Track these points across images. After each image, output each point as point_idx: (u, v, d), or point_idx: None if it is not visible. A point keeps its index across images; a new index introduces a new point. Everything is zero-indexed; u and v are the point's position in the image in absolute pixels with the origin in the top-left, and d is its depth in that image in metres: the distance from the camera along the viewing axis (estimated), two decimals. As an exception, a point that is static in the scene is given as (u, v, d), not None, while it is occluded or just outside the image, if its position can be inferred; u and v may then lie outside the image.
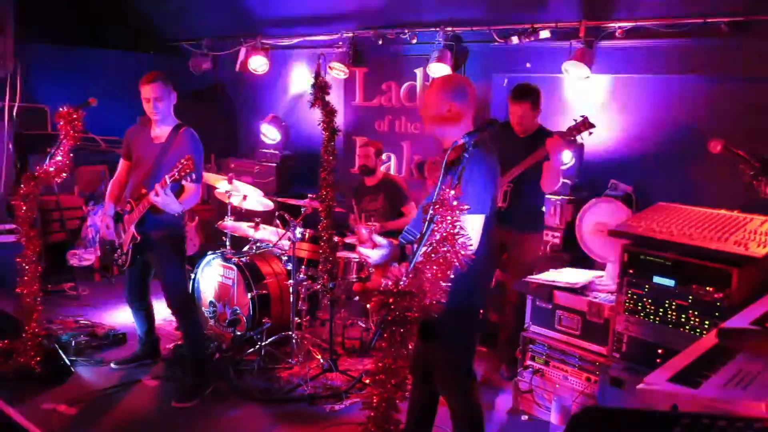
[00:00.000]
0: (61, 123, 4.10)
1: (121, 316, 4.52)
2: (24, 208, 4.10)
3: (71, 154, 4.20)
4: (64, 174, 4.18)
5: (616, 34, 4.61)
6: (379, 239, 2.74)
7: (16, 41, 5.02)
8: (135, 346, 4.61)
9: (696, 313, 3.01)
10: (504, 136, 4.22)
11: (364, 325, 4.98)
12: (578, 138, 4.13)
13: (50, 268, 5.83)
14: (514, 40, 5.03)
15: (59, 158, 4.12)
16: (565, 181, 4.67)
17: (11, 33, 4.94)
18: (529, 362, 3.96)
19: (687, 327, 3.04)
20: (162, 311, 4.65)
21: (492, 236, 2.83)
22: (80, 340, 4.70)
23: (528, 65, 5.22)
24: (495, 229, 2.86)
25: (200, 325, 4.35)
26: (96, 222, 5.92)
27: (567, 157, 4.64)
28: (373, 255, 2.75)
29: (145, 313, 4.48)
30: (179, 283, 4.12)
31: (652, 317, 3.16)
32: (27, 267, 4.14)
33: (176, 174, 3.59)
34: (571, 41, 4.81)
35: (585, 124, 4.02)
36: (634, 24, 4.54)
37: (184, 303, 4.14)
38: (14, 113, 5.64)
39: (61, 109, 4.12)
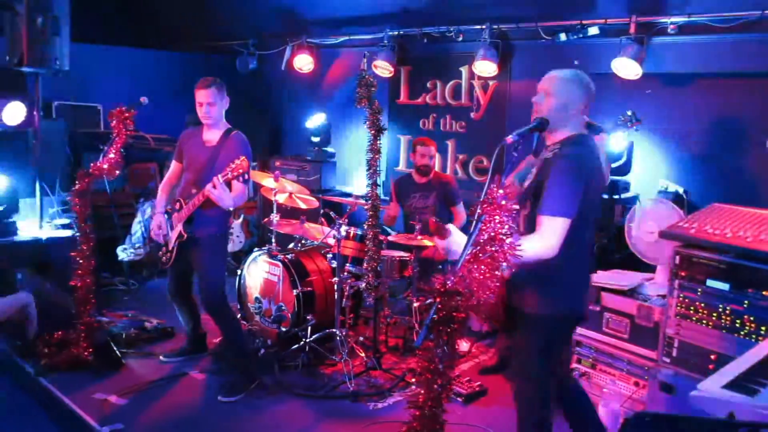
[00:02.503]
0: (114, 121, 4.22)
1: (169, 310, 4.61)
2: (79, 204, 4.22)
3: (122, 152, 4.31)
4: (117, 171, 4.29)
5: (669, 29, 4.49)
6: (453, 228, 2.56)
7: (71, 41, 5.16)
8: (183, 340, 4.70)
9: (752, 318, 2.92)
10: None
11: (407, 324, 4.98)
12: (626, 134, 4.03)
13: (102, 263, 5.99)
14: (562, 37, 4.95)
15: (112, 156, 4.23)
16: (616, 178, 4.55)
17: (67, 33, 5.08)
18: (575, 365, 3.90)
19: (742, 332, 2.95)
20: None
21: (589, 242, 2.75)
22: (130, 333, 4.82)
23: (576, 63, 5.13)
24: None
25: (237, 323, 4.39)
26: (146, 218, 6.06)
27: (619, 146, 4.47)
28: (444, 244, 2.56)
29: (188, 309, 4.55)
30: (216, 284, 4.16)
31: (704, 322, 3.08)
32: (81, 261, 4.26)
33: (229, 174, 3.69)
34: (621, 38, 4.71)
35: (632, 120, 3.93)
36: (687, 19, 4.42)
37: (218, 304, 4.16)
38: (70, 112, 5.80)
39: (114, 108, 4.23)
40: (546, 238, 2.50)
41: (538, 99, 2.75)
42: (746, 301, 2.93)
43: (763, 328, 2.86)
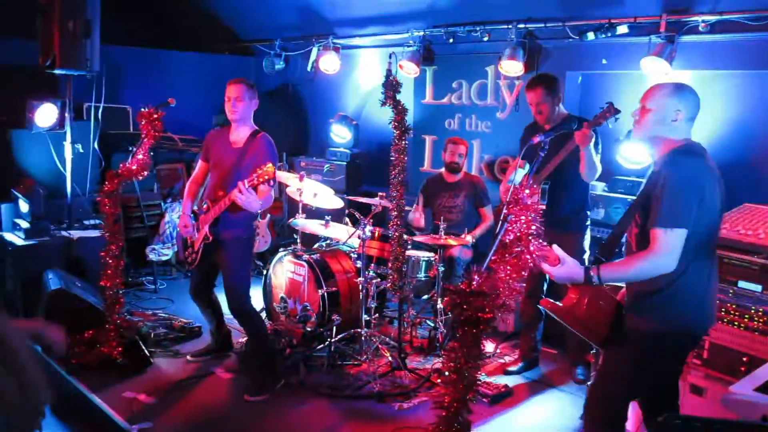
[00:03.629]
0: (143, 122, 4.26)
1: (196, 310, 4.66)
2: (108, 204, 4.28)
3: (151, 153, 4.36)
4: (145, 172, 4.34)
5: (699, 28, 4.42)
6: (562, 253, 2.49)
7: (101, 44, 5.25)
8: (209, 340, 4.74)
9: (785, 320, 2.86)
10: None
11: (432, 324, 4.97)
12: (606, 125, 4.00)
13: (131, 263, 6.08)
14: (590, 36, 4.90)
15: (140, 156, 4.28)
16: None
17: (98, 36, 5.16)
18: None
19: (775, 335, 2.89)
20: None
21: (714, 254, 2.62)
22: (159, 332, 4.89)
23: (604, 62, 5.08)
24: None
25: (263, 324, 4.41)
26: (174, 218, 6.13)
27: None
28: (558, 272, 2.48)
29: (211, 310, 4.58)
30: (242, 285, 4.18)
31: (736, 324, 3.03)
32: (110, 261, 4.32)
33: (255, 180, 3.70)
34: (651, 36, 4.64)
35: (610, 110, 3.89)
36: (718, 17, 4.34)
37: (243, 306, 4.18)
38: (99, 113, 5.90)
39: (142, 110, 4.28)
40: (661, 253, 2.39)
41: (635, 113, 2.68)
42: (780, 303, 2.87)
43: (797, 330, 2.81)
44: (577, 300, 2.54)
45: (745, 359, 2.99)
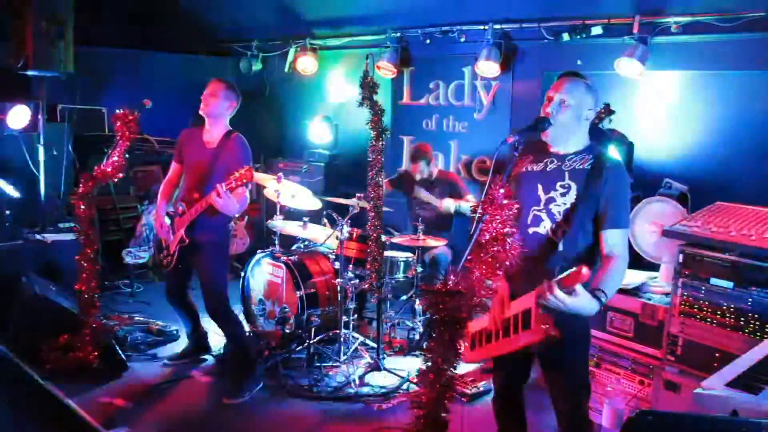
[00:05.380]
0: (118, 124, 4.22)
1: (174, 313, 4.62)
2: (83, 207, 4.23)
3: (127, 155, 4.31)
4: (121, 174, 4.29)
5: (672, 29, 4.49)
6: (580, 288, 2.21)
7: (75, 45, 5.18)
8: (186, 343, 4.71)
9: (756, 316, 2.90)
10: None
11: (411, 325, 4.98)
12: (600, 125, 4.00)
13: (106, 266, 6.01)
14: (565, 37, 4.95)
15: (116, 159, 4.23)
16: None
17: (72, 37, 5.10)
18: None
19: (746, 330, 2.94)
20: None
21: None
22: (135, 336, 4.84)
23: (579, 62, 5.13)
24: None
25: (241, 326, 4.38)
26: (150, 221, 6.08)
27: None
28: (573, 303, 2.22)
29: (186, 311, 4.55)
30: (220, 287, 4.16)
31: (709, 320, 3.07)
32: (85, 265, 4.27)
33: (233, 183, 3.68)
34: (624, 37, 4.70)
35: (605, 111, 3.91)
36: (690, 18, 4.41)
37: (221, 309, 4.17)
38: (73, 115, 5.83)
39: (117, 111, 4.24)
40: (625, 252, 2.55)
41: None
42: (750, 299, 2.91)
43: (767, 326, 2.85)
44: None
45: (717, 355, 3.03)
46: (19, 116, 5.34)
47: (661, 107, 4.83)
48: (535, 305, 2.25)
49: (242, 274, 5.14)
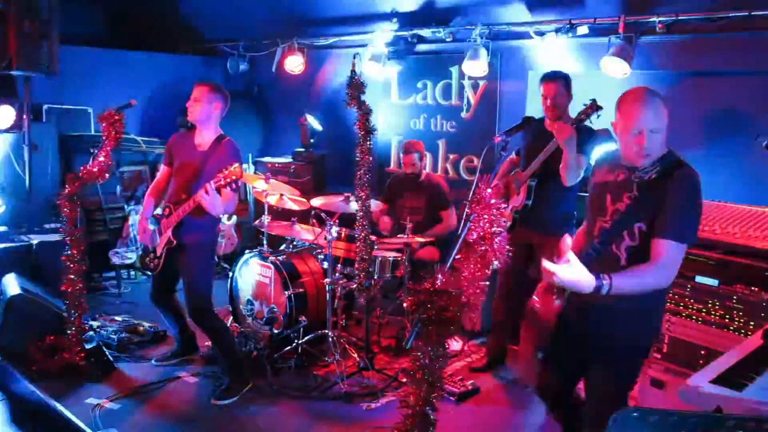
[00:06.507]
0: (104, 124, 4.19)
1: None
2: (69, 207, 4.20)
3: (113, 155, 4.29)
4: (107, 174, 4.26)
5: (657, 28, 4.52)
6: (572, 254, 2.31)
7: (61, 44, 5.14)
8: (173, 343, 4.69)
9: (741, 313, 2.94)
10: (536, 132, 4.17)
11: (399, 324, 4.99)
12: (588, 122, 4.02)
13: (93, 267, 5.97)
14: (551, 37, 4.97)
15: (102, 159, 4.20)
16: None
17: (56, 36, 5.07)
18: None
19: (731, 328, 2.97)
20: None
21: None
22: (122, 337, 4.81)
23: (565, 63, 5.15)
24: (521, 230, 2.66)
25: (225, 327, 4.35)
26: (137, 221, 6.04)
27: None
28: (565, 274, 2.28)
29: (172, 313, 4.51)
30: (203, 291, 4.13)
31: (694, 318, 3.10)
32: (72, 265, 4.24)
33: (222, 181, 3.66)
34: (610, 37, 4.73)
35: (592, 107, 3.93)
36: (675, 18, 4.44)
37: (203, 311, 4.13)
38: (59, 115, 5.79)
39: (103, 111, 4.21)
40: (667, 267, 2.37)
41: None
42: (735, 297, 2.95)
43: (751, 323, 2.88)
44: (543, 301, 2.56)
45: (703, 352, 3.06)
46: (4, 116, 5.30)
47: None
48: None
49: (230, 274, 5.13)
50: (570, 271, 2.26)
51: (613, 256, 2.50)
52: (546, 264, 2.27)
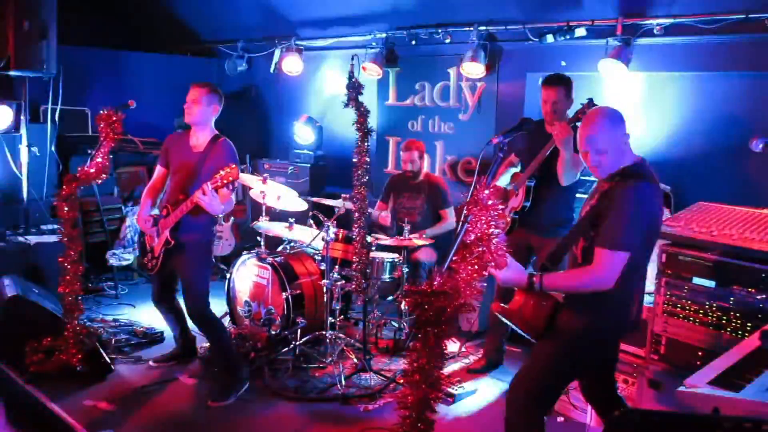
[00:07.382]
0: (102, 125, 4.19)
1: (159, 315, 4.59)
2: (66, 208, 4.19)
3: (111, 156, 4.28)
4: (105, 175, 4.26)
5: (654, 31, 4.53)
6: (510, 258, 2.50)
7: (58, 45, 5.14)
8: (172, 345, 4.68)
9: (738, 315, 2.94)
10: (535, 134, 4.16)
11: (397, 325, 4.99)
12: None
13: (90, 268, 5.96)
14: (549, 38, 4.97)
15: (99, 160, 4.20)
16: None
17: (54, 37, 5.06)
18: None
19: (728, 329, 2.97)
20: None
21: (647, 263, 2.75)
22: (120, 339, 4.81)
23: (563, 63, 5.16)
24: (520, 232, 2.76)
25: (223, 328, 4.35)
26: (134, 222, 6.04)
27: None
28: (504, 275, 2.56)
29: (174, 315, 4.51)
30: (200, 290, 4.12)
31: (691, 319, 3.10)
32: (69, 267, 4.23)
33: (219, 181, 3.67)
34: (608, 39, 4.74)
35: (589, 107, 3.92)
36: (672, 20, 4.45)
37: (202, 311, 4.13)
38: (56, 116, 5.78)
39: (101, 112, 4.21)
40: (602, 272, 2.52)
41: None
42: (732, 298, 2.95)
43: (748, 324, 2.88)
44: (523, 301, 2.65)
45: (700, 353, 3.06)
46: (1, 117, 5.29)
47: (644, 108, 4.86)
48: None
49: (228, 275, 5.12)
50: (504, 271, 2.51)
51: (573, 256, 2.76)
52: (490, 269, 2.44)
